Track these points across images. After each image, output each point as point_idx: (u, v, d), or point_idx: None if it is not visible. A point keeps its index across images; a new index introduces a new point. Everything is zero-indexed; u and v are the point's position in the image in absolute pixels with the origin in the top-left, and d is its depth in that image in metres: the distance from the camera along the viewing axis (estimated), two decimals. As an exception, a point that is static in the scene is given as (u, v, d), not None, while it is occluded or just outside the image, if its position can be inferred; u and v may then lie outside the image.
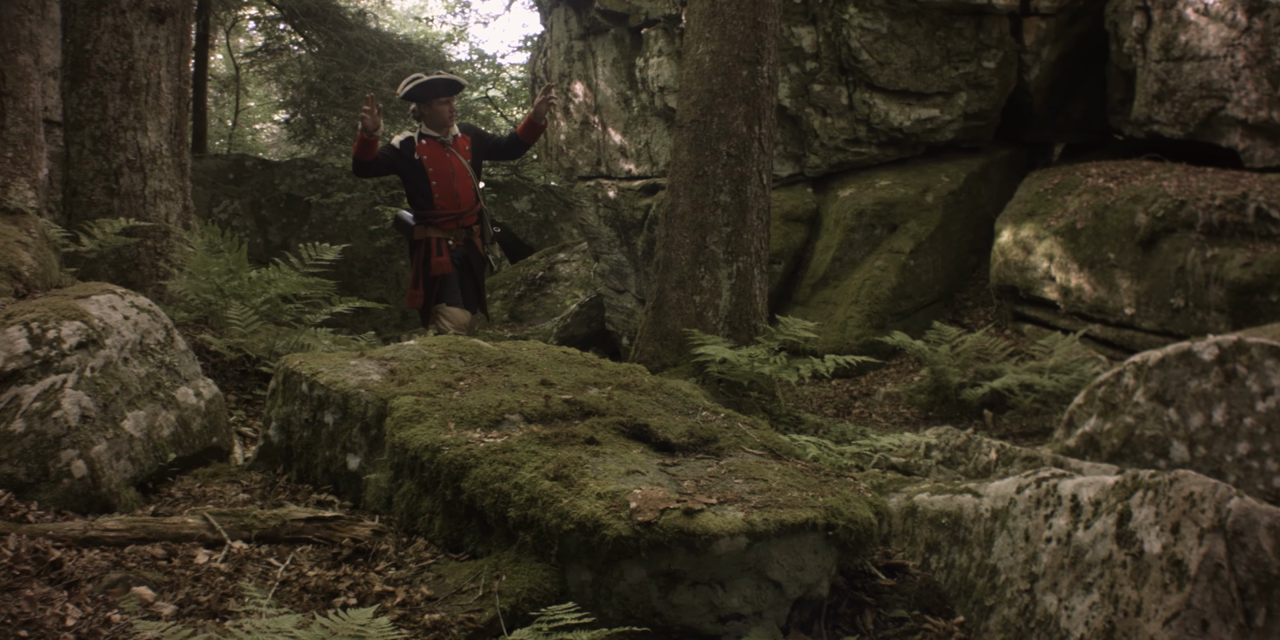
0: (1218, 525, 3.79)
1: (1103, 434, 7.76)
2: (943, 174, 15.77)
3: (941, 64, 15.64)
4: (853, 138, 15.90)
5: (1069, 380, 11.22)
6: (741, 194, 10.42)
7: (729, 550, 4.03)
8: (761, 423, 5.67)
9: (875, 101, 15.68)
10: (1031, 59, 15.88)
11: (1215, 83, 13.83)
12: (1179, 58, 14.11)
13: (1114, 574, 3.98)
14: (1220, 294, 11.94)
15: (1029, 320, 14.09)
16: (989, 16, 15.53)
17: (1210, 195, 12.50)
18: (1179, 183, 13.05)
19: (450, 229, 10.08)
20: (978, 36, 15.63)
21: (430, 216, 10.05)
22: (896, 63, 15.50)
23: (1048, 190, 14.32)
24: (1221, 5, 13.62)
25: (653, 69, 17.62)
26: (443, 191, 10.01)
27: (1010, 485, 4.71)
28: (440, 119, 10.07)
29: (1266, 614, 3.79)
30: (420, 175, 9.99)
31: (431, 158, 10.00)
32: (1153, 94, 14.42)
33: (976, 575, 4.63)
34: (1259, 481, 7.34)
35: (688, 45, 10.79)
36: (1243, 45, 13.53)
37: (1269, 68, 13.35)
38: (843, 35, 15.46)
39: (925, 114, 15.79)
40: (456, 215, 10.05)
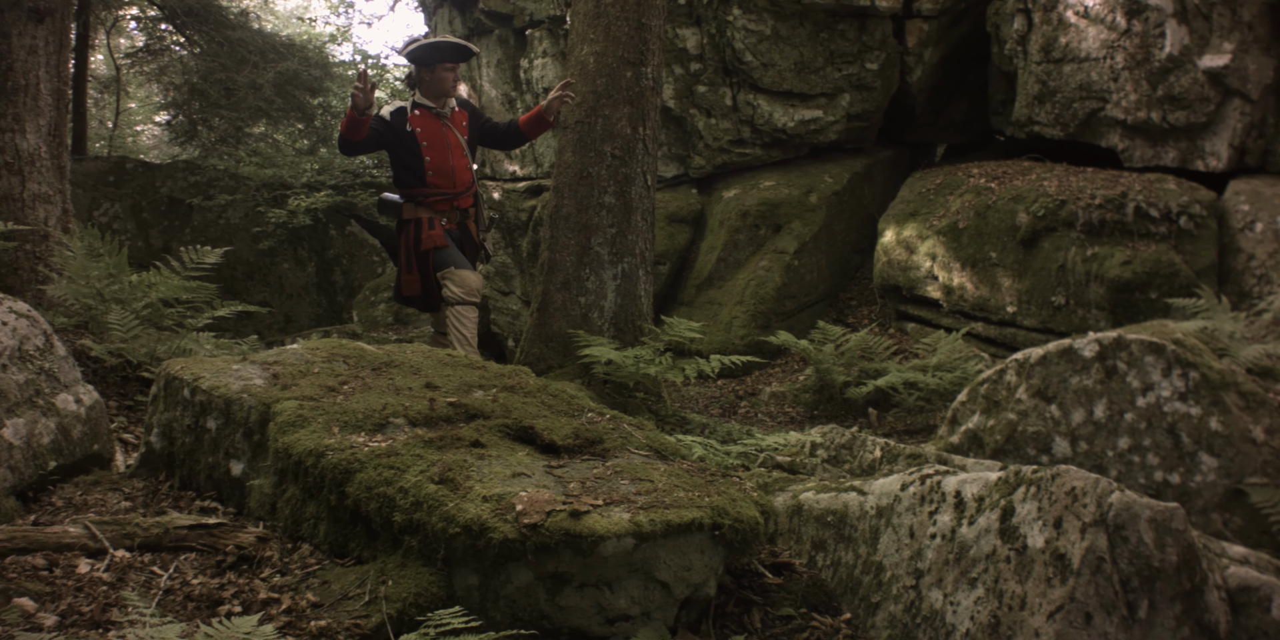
0: (1099, 519, 3.84)
1: (986, 431, 7.85)
2: (826, 174, 15.86)
3: (825, 65, 15.73)
4: (737, 139, 15.96)
5: (952, 378, 11.33)
6: (626, 195, 10.43)
7: (616, 551, 4.03)
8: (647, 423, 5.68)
9: (759, 103, 15.74)
10: (914, 60, 16.02)
11: (1095, 84, 14.03)
12: (1059, 59, 14.30)
13: (998, 569, 4.02)
14: (1100, 292, 12.12)
15: (912, 319, 14.21)
16: (872, 18, 15.64)
17: (1090, 195, 12.68)
18: (1060, 182, 13.23)
19: (443, 210, 9.51)
20: (861, 38, 15.74)
21: (421, 196, 9.44)
22: (780, 64, 15.57)
23: (930, 190, 14.45)
24: (1101, 8, 13.82)
25: (537, 70, 17.59)
26: (437, 168, 9.42)
27: (895, 483, 4.75)
28: (442, 87, 9.49)
29: (1149, 606, 3.85)
30: (412, 149, 9.38)
31: (426, 130, 9.42)
32: (1033, 95, 14.60)
33: (863, 572, 4.66)
34: (1140, 476, 7.45)
35: (572, 46, 10.78)
36: (1122, 47, 13.74)
37: (1148, 69, 13.56)
38: (727, 37, 15.50)
39: (809, 115, 15.88)
40: (451, 195, 9.50)
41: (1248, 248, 12.43)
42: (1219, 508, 7.41)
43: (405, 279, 9.54)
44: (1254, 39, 13.19)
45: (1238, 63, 13.11)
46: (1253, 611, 4.25)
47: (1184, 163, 13.70)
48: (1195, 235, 12.36)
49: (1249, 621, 4.24)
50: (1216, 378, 7.65)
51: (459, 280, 9.27)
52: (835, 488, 5.16)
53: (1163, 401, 7.56)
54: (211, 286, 9.80)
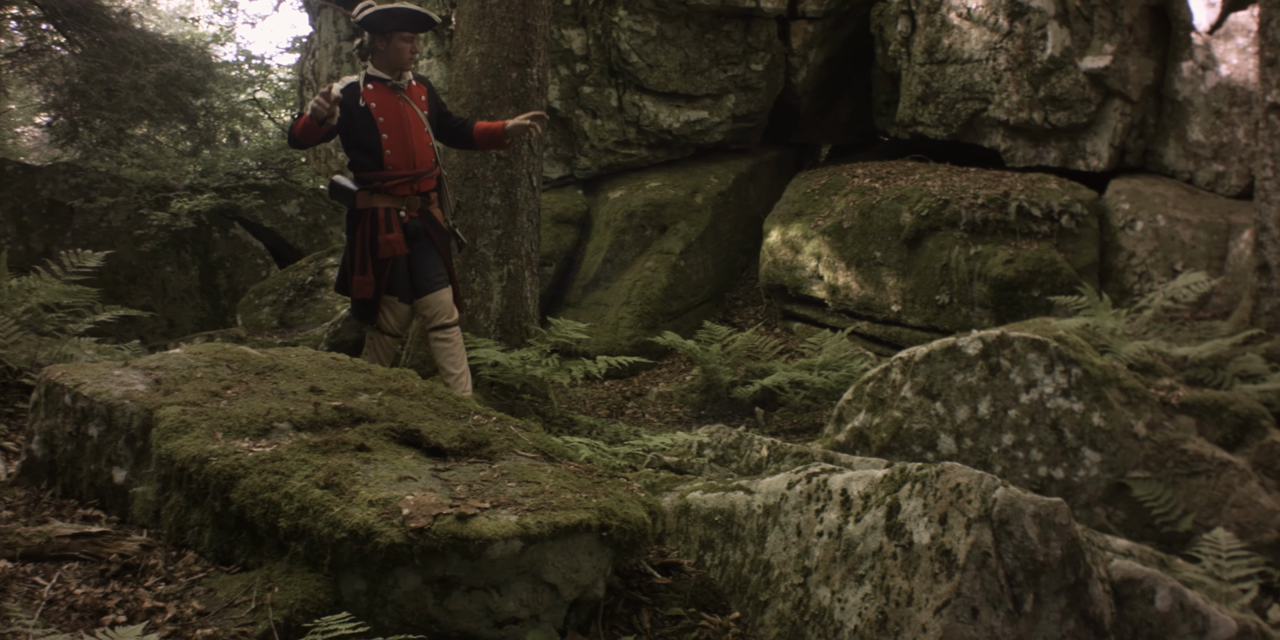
0: (984, 515, 3.86)
1: (872, 428, 7.89)
2: (712, 175, 15.90)
3: (710, 66, 15.77)
4: (623, 140, 15.95)
5: (838, 377, 11.39)
6: (512, 196, 10.38)
7: (503, 554, 4.00)
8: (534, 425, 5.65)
9: (645, 103, 15.75)
10: (799, 62, 16.10)
11: (978, 85, 14.17)
12: (943, 61, 14.43)
13: (885, 565, 4.04)
14: (984, 290, 12.24)
15: (798, 318, 14.27)
16: (757, 20, 15.70)
17: (973, 194, 12.80)
18: (943, 182, 13.35)
19: (403, 195, 8.54)
20: (746, 39, 15.79)
21: (379, 180, 8.45)
22: (666, 65, 15.59)
23: (815, 191, 14.53)
24: (984, 10, 13.95)
25: (422, 70, 17.49)
26: (396, 147, 8.48)
27: (782, 481, 4.75)
28: (399, 58, 8.56)
29: (1034, 599, 3.88)
30: (367, 128, 8.41)
31: (381, 105, 8.48)
32: (917, 96, 14.72)
33: (751, 571, 4.66)
34: (1024, 471, 7.52)
35: (457, 47, 10.72)
36: (1004, 49, 13.89)
37: (1029, 70, 13.72)
38: (612, 38, 15.50)
39: (694, 116, 15.91)
40: (412, 177, 8.54)
41: (1128, 246, 12.59)
42: (1102, 502, 7.49)
43: (358, 280, 8.59)
44: (1134, 41, 13.38)
45: (1118, 64, 13.29)
46: (1136, 603, 4.30)
47: (1065, 162, 13.89)
48: (1077, 234, 12.52)
49: (1133, 613, 4.28)
50: (1098, 374, 7.74)
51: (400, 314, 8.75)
52: (722, 487, 5.16)
53: (1046, 398, 7.63)
54: (93, 291, 9.64)
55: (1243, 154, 12.97)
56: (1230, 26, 13.10)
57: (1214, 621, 4.42)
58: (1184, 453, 7.65)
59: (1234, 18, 13.06)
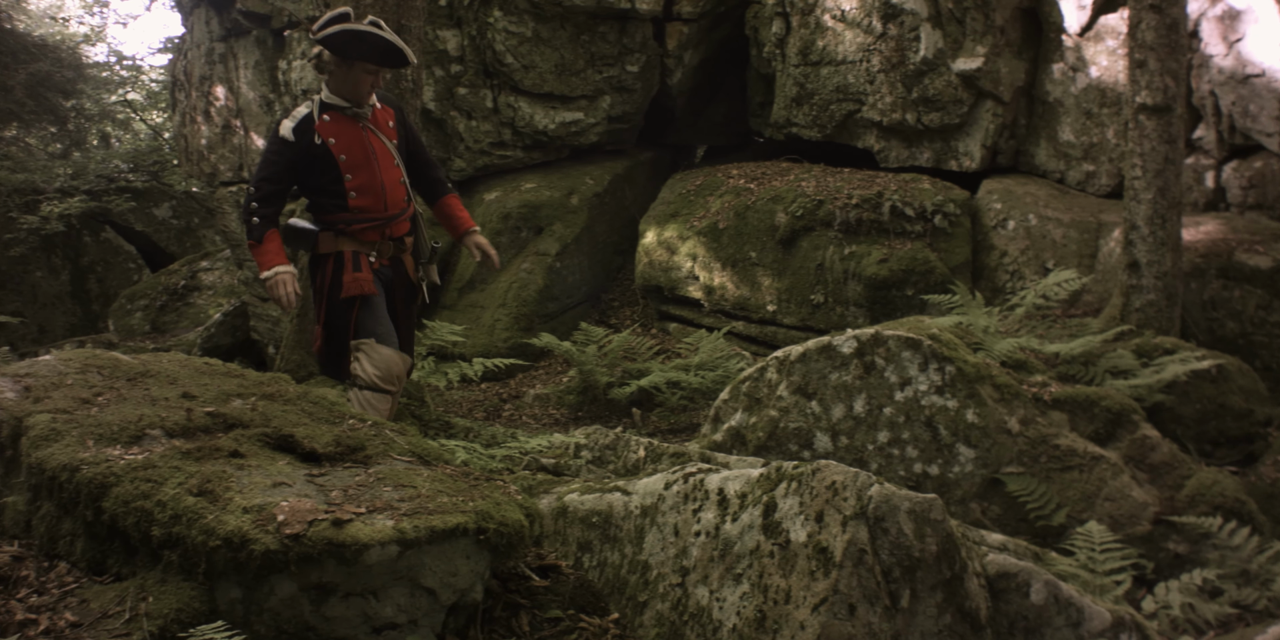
0: (860, 512, 3.87)
1: (749, 428, 7.90)
2: (588, 176, 15.89)
3: (586, 68, 15.76)
4: (498, 141, 15.90)
5: (714, 376, 11.42)
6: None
7: (380, 559, 3.96)
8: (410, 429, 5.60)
9: (520, 105, 15.70)
10: (674, 63, 16.13)
11: (852, 86, 14.28)
12: (817, 62, 14.52)
13: (762, 564, 4.04)
14: (858, 289, 12.32)
15: (674, 319, 14.29)
16: (632, 21, 15.71)
17: (847, 195, 12.89)
18: (817, 183, 13.43)
19: (372, 241, 7.25)
20: (621, 41, 15.80)
21: (344, 223, 7.14)
22: (541, 66, 15.56)
23: (691, 191, 14.56)
24: (858, 12, 14.06)
25: (296, 71, 17.34)
26: (362, 188, 7.15)
27: (659, 482, 4.75)
28: (355, 91, 7.15)
29: (911, 595, 3.90)
30: (326, 167, 7.07)
31: (342, 140, 7.10)
32: (792, 97, 14.80)
33: (629, 572, 4.65)
34: (900, 468, 7.57)
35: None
36: (878, 50, 14.00)
37: (903, 72, 13.84)
38: (488, 39, 15.44)
39: (570, 117, 15.89)
40: (383, 221, 7.24)
41: (1000, 245, 12.73)
42: (977, 497, 7.56)
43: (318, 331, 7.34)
44: (1006, 42, 13.54)
45: (990, 65, 13.44)
46: (1012, 597, 4.33)
47: (939, 163, 14.04)
48: (950, 233, 12.64)
49: (1008, 607, 4.31)
50: (972, 371, 7.81)
51: (378, 360, 7.10)
52: (600, 488, 5.15)
53: (920, 395, 7.69)
54: (-43, 297, 9.44)
55: (1112, 154, 13.16)
56: (1100, 28, 13.30)
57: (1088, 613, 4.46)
58: (1057, 448, 7.74)
59: (1104, 20, 13.26)
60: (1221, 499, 7.84)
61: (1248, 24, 12.43)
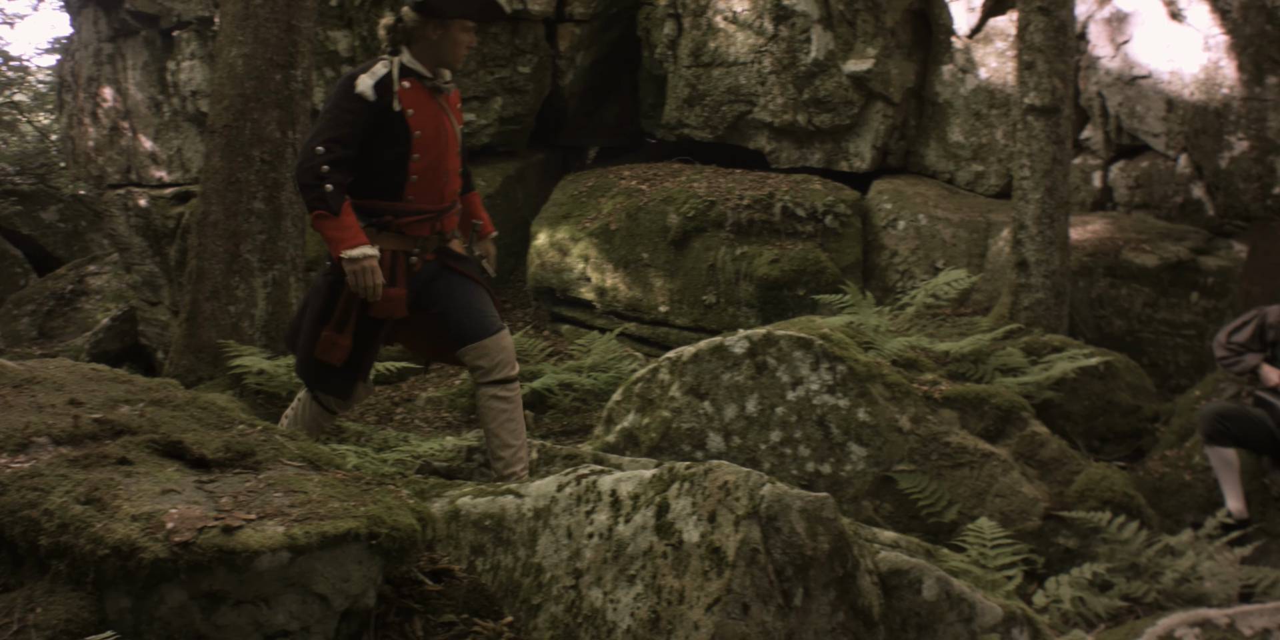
0: (752, 512, 3.88)
1: (642, 429, 7.91)
2: (479, 178, 15.82)
3: (478, 69, 15.71)
4: (389, 142, 15.81)
5: (607, 378, 11.42)
6: (276, 200, 10.23)
7: (271, 566, 3.92)
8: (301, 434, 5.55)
9: (411, 106, 15.63)
10: (566, 64, 16.11)
11: (743, 88, 14.34)
12: (709, 63, 14.56)
13: (656, 565, 4.03)
14: (750, 290, 12.37)
15: (567, 320, 14.27)
16: (525, 22, 15.67)
17: (739, 196, 12.94)
18: (709, 184, 13.47)
19: (419, 236, 6.29)
20: (513, 42, 15.75)
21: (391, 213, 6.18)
22: (432, 67, 15.51)
23: (582, 193, 14.55)
24: (750, 14, 14.12)
25: (185, 72, 17.16)
26: (425, 172, 6.23)
27: (551, 484, 4.73)
28: (452, 54, 6.29)
29: (804, 593, 3.91)
30: (397, 142, 6.11)
31: (420, 113, 6.17)
32: (683, 98, 14.84)
33: (523, 575, 4.63)
34: (793, 467, 7.60)
35: (220, 48, 10.52)
36: (770, 52, 14.07)
37: (794, 73, 13.92)
38: (379, 39, 15.35)
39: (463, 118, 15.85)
40: (436, 214, 6.33)
41: (891, 244, 12.83)
42: (869, 495, 7.61)
43: (327, 337, 6.22)
44: (896, 44, 13.66)
45: (880, 67, 13.56)
46: (904, 593, 4.36)
47: (829, 163, 14.14)
48: (841, 233, 12.73)
49: (901, 603, 4.34)
50: (863, 370, 7.86)
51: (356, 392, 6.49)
52: (492, 492, 5.12)
53: (812, 395, 7.73)
54: None
55: (1001, 154, 13.30)
56: (989, 31, 13.45)
57: (980, 608, 4.50)
58: (948, 445, 7.81)
59: (993, 22, 13.41)
60: (1110, 494, 7.94)
61: (1135, 26, 12.62)
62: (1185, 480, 8.77)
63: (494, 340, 6.48)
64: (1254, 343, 8.68)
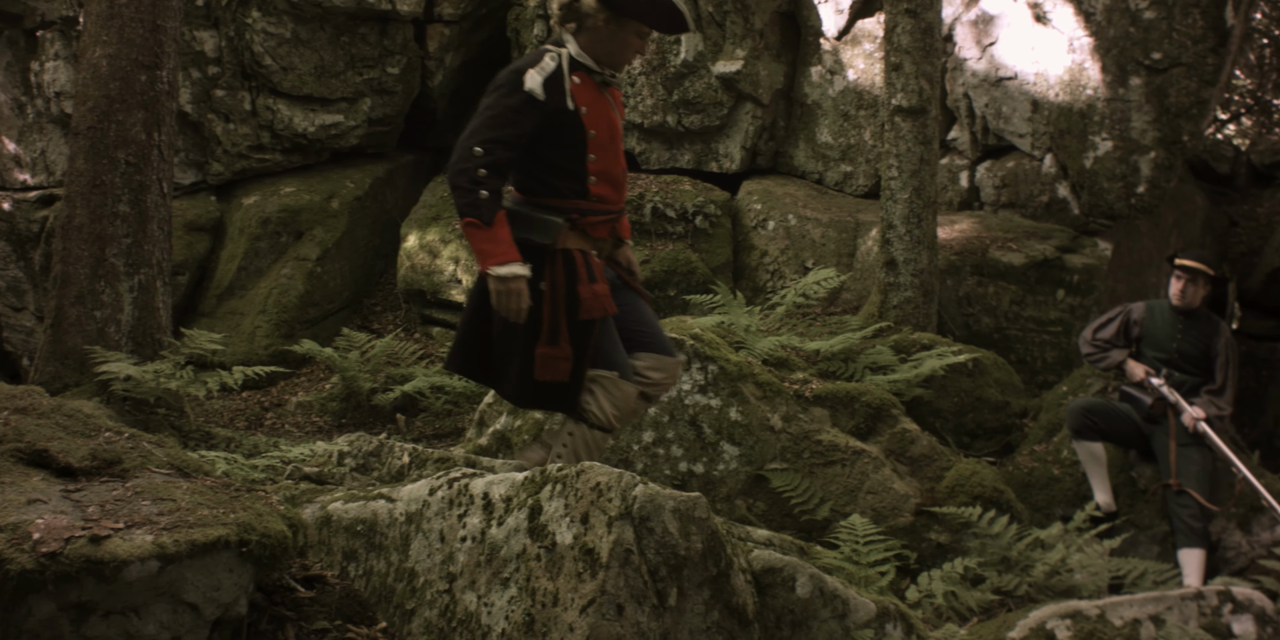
0: (625, 513, 3.88)
1: (514, 431, 7.89)
2: (348, 180, 15.72)
3: (346, 70, 15.60)
4: (256, 144, 15.65)
5: (479, 380, 11.38)
6: (141, 204, 10.07)
7: (140, 576, 3.86)
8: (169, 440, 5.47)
9: (279, 107, 15.49)
10: (435, 65, 16.05)
11: (612, 88, 14.35)
12: (577, 64, 14.56)
13: (529, 567, 4.02)
14: (622, 291, 12.39)
15: (438, 323, 14.21)
16: (393, 22, 15.59)
17: (609, 197, 12.95)
18: (579, 185, 13.48)
19: (600, 238, 5.83)
20: (382, 42, 15.67)
21: (579, 213, 5.69)
22: (301, 68, 15.36)
23: (453, 194, 14.49)
24: (618, 15, 14.14)
25: (49, 73, 16.87)
26: (603, 172, 5.75)
27: (423, 488, 4.71)
28: (619, 56, 5.81)
29: (678, 593, 3.92)
30: (572, 139, 5.62)
31: (593, 110, 5.67)
32: (552, 99, 14.82)
33: (396, 580, 4.61)
34: (665, 467, 7.62)
35: (84, 48, 10.34)
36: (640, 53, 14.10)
37: (664, 75, 13.96)
38: (246, 40, 15.19)
39: (330, 120, 15.71)
40: (615, 214, 5.90)
41: (761, 244, 12.91)
42: (742, 494, 7.64)
43: (544, 355, 5.59)
44: (765, 46, 13.74)
45: (749, 68, 13.63)
46: (778, 591, 4.38)
47: (699, 164, 14.19)
48: (711, 234, 12.79)
49: (775, 601, 4.36)
50: (734, 370, 7.89)
51: (619, 398, 5.69)
52: (364, 496, 5.09)
53: (684, 395, 7.74)
54: None
55: (869, 155, 13.43)
56: (857, 32, 13.58)
57: (853, 605, 4.53)
58: (819, 443, 7.86)
59: (861, 24, 13.54)
60: (980, 489, 8.04)
61: (1001, 28, 12.79)
62: (1054, 474, 8.90)
63: (674, 362, 6.00)
64: (1119, 339, 8.84)
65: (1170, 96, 12.17)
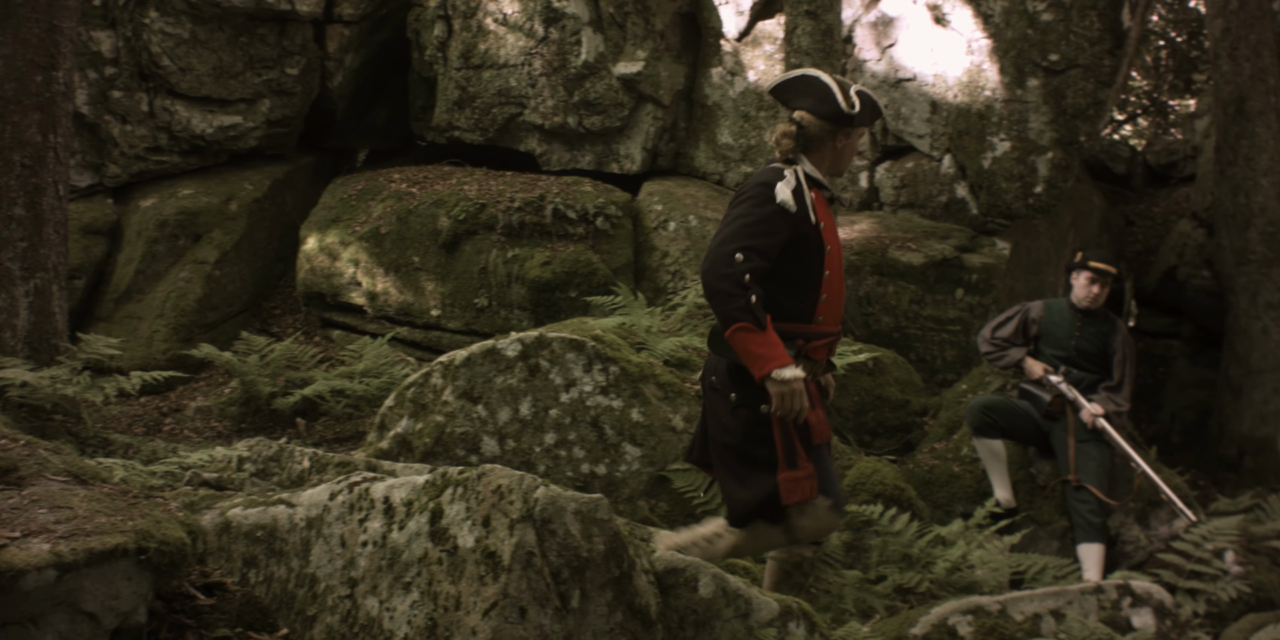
0: (527, 515, 3.88)
1: (415, 434, 7.86)
2: (247, 182, 15.59)
3: (245, 70, 15.47)
4: (154, 146, 15.48)
5: (379, 383, 11.34)
6: (37, 207, 9.93)
7: (38, 585, 3.81)
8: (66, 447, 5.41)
9: (177, 108, 15.33)
10: (335, 66, 15.95)
11: (514, 90, 14.33)
12: (479, 66, 14.53)
13: (431, 571, 4.01)
14: (522, 292, 12.38)
15: (338, 326, 14.13)
16: (292, 23, 15.48)
17: (510, 198, 12.93)
18: (480, 187, 13.45)
19: (819, 361, 5.71)
20: (281, 43, 15.56)
21: (803, 337, 5.54)
22: (199, 69, 15.21)
23: (352, 196, 14.41)
24: (520, 16, 14.12)
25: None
26: (833, 291, 5.70)
27: (324, 492, 4.68)
28: (848, 160, 5.84)
29: (581, 595, 3.92)
30: (811, 255, 5.55)
31: (828, 225, 5.64)
32: (454, 101, 14.78)
33: (297, 586, 4.58)
34: (568, 469, 7.62)
35: (-24, 49, 10.22)
36: (540, 54, 14.09)
37: (565, 76, 13.96)
38: (144, 40, 15.02)
39: (228, 121, 15.57)
40: (836, 337, 5.81)
41: (662, 246, 12.93)
42: (645, 494, 7.65)
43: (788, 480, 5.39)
44: (666, 47, 13.78)
45: (650, 70, 13.66)
46: (681, 592, 4.39)
47: (600, 166, 14.21)
48: (612, 235, 12.80)
49: (678, 602, 4.37)
50: (635, 371, 7.90)
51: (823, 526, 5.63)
52: (264, 502, 5.05)
53: (586, 396, 7.75)
54: None
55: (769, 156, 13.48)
56: (758, 34, 13.65)
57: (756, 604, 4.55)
58: (721, 444, 7.87)
59: (761, 25, 13.61)
60: (881, 487, 8.10)
61: (900, 30, 12.90)
62: (954, 472, 8.97)
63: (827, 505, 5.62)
64: (1017, 337, 8.94)
65: (1067, 97, 12.32)
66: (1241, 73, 12.01)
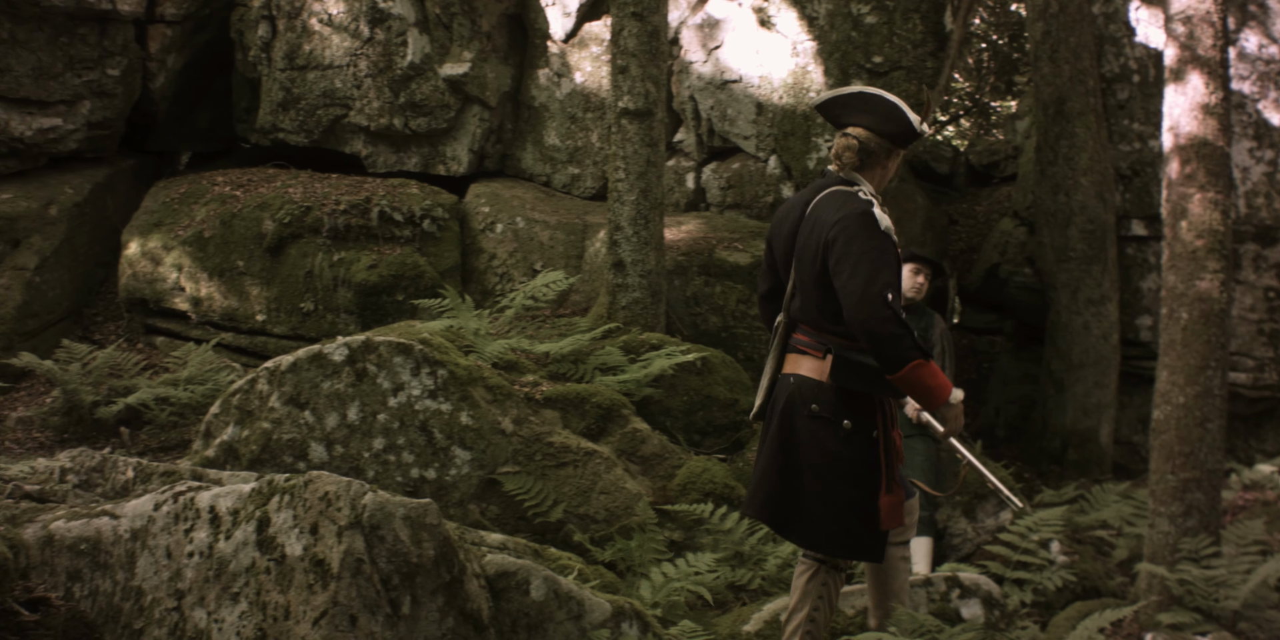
0: (355, 522, 3.85)
1: (241, 441, 7.77)
2: (67, 186, 15.28)
3: (65, 71, 15.17)
4: (-31, 149, 15.16)
5: (204, 390, 11.18)
6: None
7: None
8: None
9: (-7, 111, 15.02)
10: (157, 67, 15.69)
11: (339, 91, 14.22)
12: (303, 67, 14.39)
13: (260, 581, 3.98)
14: (349, 296, 12.29)
15: (162, 332, 13.91)
16: (113, 23, 15.20)
17: (335, 201, 12.82)
18: (305, 189, 13.32)
19: None
20: (102, 43, 15.27)
21: None
22: (18, 70, 14.87)
23: (175, 199, 14.20)
24: (345, 16, 14.01)
25: None
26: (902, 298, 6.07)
27: (148, 503, 4.61)
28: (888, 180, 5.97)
29: (412, 601, 3.90)
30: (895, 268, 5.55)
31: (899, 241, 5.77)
32: (278, 102, 14.62)
33: (122, 599, 4.50)
34: (397, 474, 7.58)
35: None
36: (365, 55, 14.00)
37: (390, 77, 13.87)
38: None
39: (48, 123, 15.26)
40: None
41: (489, 247, 12.91)
42: (475, 498, 7.64)
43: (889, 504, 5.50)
44: (493, 48, 13.77)
45: (477, 71, 13.63)
46: (513, 595, 4.39)
47: (427, 167, 14.16)
48: (439, 237, 12.76)
49: (510, 605, 4.37)
50: (464, 374, 7.89)
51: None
52: (87, 514, 4.96)
53: (414, 400, 7.72)
54: None
55: (596, 157, 13.52)
56: (585, 35, 13.68)
57: (589, 605, 4.57)
58: (551, 445, 7.91)
59: (588, 27, 13.64)
60: (712, 486, 8.16)
61: (726, 32, 13.00)
62: (782, 470, 9.04)
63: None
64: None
65: (890, 99, 12.49)
66: (1061, 74, 12.23)
